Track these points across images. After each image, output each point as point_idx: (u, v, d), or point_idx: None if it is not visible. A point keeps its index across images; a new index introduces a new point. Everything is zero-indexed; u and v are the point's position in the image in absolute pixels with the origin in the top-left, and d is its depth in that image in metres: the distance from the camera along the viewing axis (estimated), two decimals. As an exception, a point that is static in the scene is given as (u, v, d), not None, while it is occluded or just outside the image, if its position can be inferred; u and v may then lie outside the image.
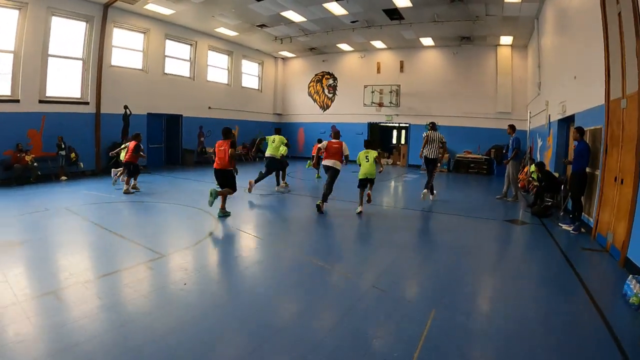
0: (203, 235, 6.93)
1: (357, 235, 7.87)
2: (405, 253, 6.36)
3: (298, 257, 6.04)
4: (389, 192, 13.45)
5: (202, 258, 5.95)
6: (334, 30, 18.75)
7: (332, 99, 23.99)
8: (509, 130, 11.82)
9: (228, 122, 21.16)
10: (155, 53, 17.61)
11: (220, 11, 16.67)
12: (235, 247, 6.78)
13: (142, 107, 16.99)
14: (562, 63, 11.05)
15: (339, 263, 5.89)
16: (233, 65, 22.37)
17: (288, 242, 7.07)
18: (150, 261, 5.35)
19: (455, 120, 20.24)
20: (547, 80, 13.64)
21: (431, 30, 18.04)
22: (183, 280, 4.73)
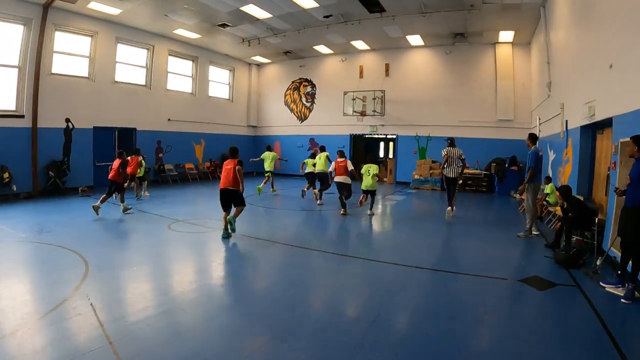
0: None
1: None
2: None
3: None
4: (362, 227, 10.38)
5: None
6: (306, 29, 16.09)
7: (310, 109, 21.22)
8: (528, 141, 8.80)
9: (192, 136, 19.04)
10: (104, 59, 15.28)
11: (172, 8, 14.24)
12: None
13: (87, 119, 14.76)
14: (586, 54, 8.37)
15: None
16: (198, 72, 19.67)
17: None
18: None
19: (449, 131, 17.32)
20: (560, 79, 10.89)
21: (419, 26, 15.32)
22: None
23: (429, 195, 15.38)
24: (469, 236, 8.46)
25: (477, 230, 9.09)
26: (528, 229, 8.29)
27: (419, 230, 8.71)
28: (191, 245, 7.38)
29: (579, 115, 8.83)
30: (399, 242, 7.88)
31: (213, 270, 6.08)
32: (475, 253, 7.01)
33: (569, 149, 9.79)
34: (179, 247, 7.19)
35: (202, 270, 6.06)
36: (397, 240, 8.06)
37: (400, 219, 10.66)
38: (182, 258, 6.61)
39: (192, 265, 6.35)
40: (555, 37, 11.43)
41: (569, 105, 9.81)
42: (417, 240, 7.93)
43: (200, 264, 6.43)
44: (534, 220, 8.34)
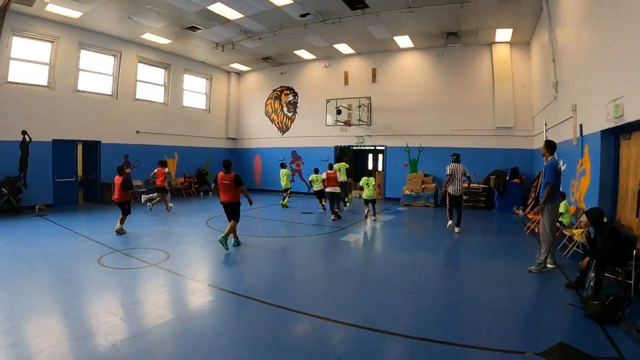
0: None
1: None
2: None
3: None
4: (342, 264, 8.46)
5: None
6: (282, 30, 14.47)
7: (292, 119, 19.47)
8: (545, 150, 6.72)
9: (164, 149, 17.30)
10: (65, 66, 13.98)
11: (136, 10, 12.75)
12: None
13: (46, 132, 13.46)
14: (608, 46, 6.79)
15: None
16: (171, 81, 17.98)
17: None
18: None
19: (442, 140, 15.70)
20: (570, 78, 9.27)
21: (407, 24, 13.71)
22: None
23: (421, 213, 13.57)
24: (467, 272, 6.59)
25: (477, 261, 7.23)
26: (542, 260, 6.45)
27: (403, 267, 6.77)
28: (110, 290, 5.46)
29: (598, 117, 7.15)
30: (374, 285, 5.82)
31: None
32: (476, 303, 5.16)
33: (585, 159, 8.07)
34: (92, 294, 5.31)
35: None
36: (372, 281, 6.04)
37: (383, 248, 8.79)
38: (79, 318, 4.67)
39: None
40: (562, 32, 9.80)
41: (584, 107, 8.13)
42: (398, 281, 5.97)
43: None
44: (550, 250, 6.48)
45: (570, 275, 6.08)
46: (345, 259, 7.34)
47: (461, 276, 6.25)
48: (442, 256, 7.67)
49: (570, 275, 6.10)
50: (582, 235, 6.74)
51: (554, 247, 6.63)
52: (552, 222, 6.45)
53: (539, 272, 6.37)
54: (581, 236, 6.92)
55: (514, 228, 10.68)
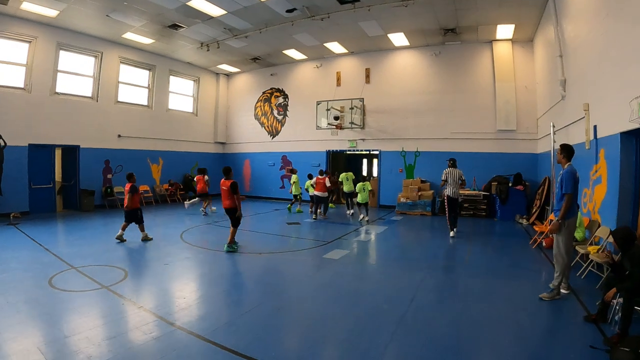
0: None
1: None
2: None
3: None
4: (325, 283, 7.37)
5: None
6: (268, 27, 13.51)
7: (282, 122, 18.45)
8: (561, 156, 5.63)
9: (147, 154, 16.49)
10: (43, 67, 13.22)
11: (113, 7, 11.90)
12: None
13: (21, 136, 12.71)
14: (627, 32, 5.85)
15: None
16: (155, 83, 17.01)
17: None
18: None
19: (440, 144, 14.68)
20: (582, 74, 8.28)
21: (401, 20, 12.75)
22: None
23: (417, 222, 12.49)
24: (466, 300, 5.46)
25: (478, 284, 6.14)
26: (556, 286, 5.40)
27: (392, 295, 5.59)
28: (48, 320, 4.44)
29: (616, 117, 6.18)
30: (352, 321, 4.66)
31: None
32: (476, 345, 4.11)
33: (600, 164, 7.04)
34: (26, 323, 4.29)
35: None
36: (352, 316, 4.83)
37: (370, 269, 7.52)
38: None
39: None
40: (571, 25, 8.83)
41: (598, 106, 7.13)
42: (384, 315, 4.85)
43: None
44: (565, 273, 5.42)
45: (588, 303, 5.08)
46: (324, 285, 6.22)
47: (459, 306, 5.18)
48: (438, 278, 6.59)
49: (588, 302, 5.10)
50: (603, 255, 5.71)
51: (569, 269, 5.59)
52: (568, 241, 5.38)
53: (551, 299, 5.33)
54: (598, 255, 5.90)
55: (518, 240, 9.60)
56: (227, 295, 5.69)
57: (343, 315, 4.87)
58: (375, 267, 7.50)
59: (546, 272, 6.68)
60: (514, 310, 5.07)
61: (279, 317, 4.83)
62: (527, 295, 5.57)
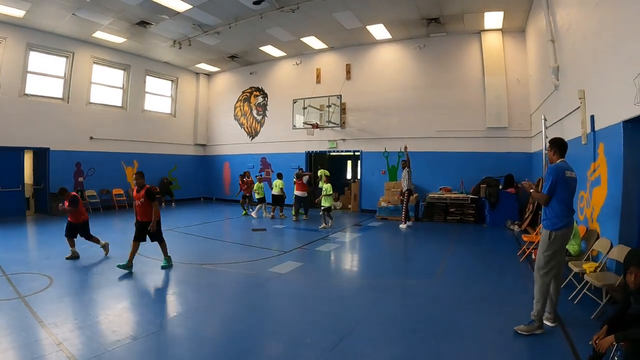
0: None
1: None
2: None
3: None
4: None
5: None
6: (238, 22, 12.29)
7: (261, 122, 17.12)
8: (550, 152, 4.40)
9: (121, 156, 15.48)
10: (10, 68, 12.48)
11: (77, 5, 11.10)
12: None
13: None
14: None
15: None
16: (130, 83, 15.85)
17: None
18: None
19: (425, 144, 13.29)
20: (577, 59, 6.87)
21: (379, 10, 11.45)
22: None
23: (396, 229, 11.06)
24: (420, 336, 4.04)
25: (442, 310, 4.75)
26: (536, 316, 4.01)
27: (341, 338, 4.33)
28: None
29: (616, 103, 4.84)
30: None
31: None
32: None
33: (599, 162, 5.66)
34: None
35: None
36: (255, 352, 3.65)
37: (320, 290, 5.81)
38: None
39: None
40: (563, 5, 7.44)
41: (597, 92, 5.74)
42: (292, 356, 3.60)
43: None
44: (550, 299, 4.14)
45: (578, 342, 3.69)
46: (250, 307, 4.89)
47: (409, 342, 3.79)
48: (394, 301, 5.20)
49: (579, 340, 3.70)
50: (602, 276, 4.33)
51: (556, 294, 4.22)
52: (548, 259, 4.05)
53: (529, 334, 3.95)
54: (596, 275, 4.53)
55: (505, 250, 8.13)
56: (133, 312, 4.42)
57: (244, 351, 3.53)
58: (324, 285, 6.04)
59: (532, 295, 5.28)
60: (479, 349, 3.69)
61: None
62: (502, 327, 4.18)
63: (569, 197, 4.11)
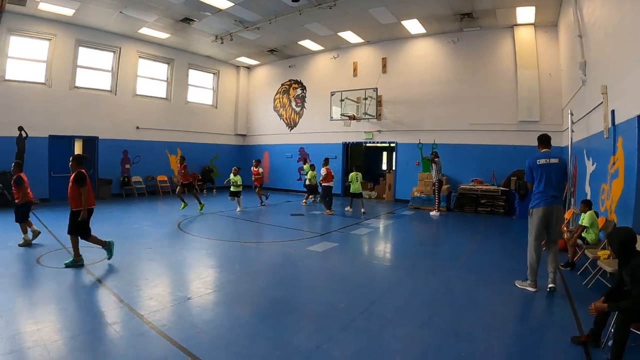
0: None
1: None
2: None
3: None
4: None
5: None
6: (278, 18, 12.85)
7: (300, 114, 17.74)
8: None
9: (166, 145, 16.46)
10: (62, 63, 13.40)
11: (124, 4, 11.88)
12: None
13: (42, 128, 12.97)
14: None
15: None
16: (174, 76, 16.82)
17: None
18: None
19: (458, 136, 13.50)
20: (602, 54, 7.02)
21: (412, 6, 11.70)
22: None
23: (426, 219, 11.41)
24: (437, 307, 4.59)
25: (459, 288, 5.23)
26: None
27: (350, 298, 4.88)
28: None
29: (635, 98, 5.04)
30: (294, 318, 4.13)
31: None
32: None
33: (618, 155, 5.87)
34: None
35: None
36: (295, 312, 4.30)
37: (349, 263, 6.64)
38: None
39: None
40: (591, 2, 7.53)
41: (617, 88, 5.93)
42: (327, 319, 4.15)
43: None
44: (530, 264, 5.11)
45: (585, 320, 4.02)
46: (288, 278, 5.54)
47: (427, 312, 4.28)
48: (418, 278, 5.68)
49: (586, 319, 4.01)
50: (615, 262, 4.63)
51: (533, 264, 5.09)
52: (529, 231, 5.18)
53: (522, 287, 5.01)
54: (609, 262, 4.82)
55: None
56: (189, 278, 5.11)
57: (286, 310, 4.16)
58: (356, 262, 6.69)
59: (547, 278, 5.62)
60: (494, 320, 4.14)
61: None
62: (515, 304, 4.62)
63: (545, 180, 4.92)
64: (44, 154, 13.06)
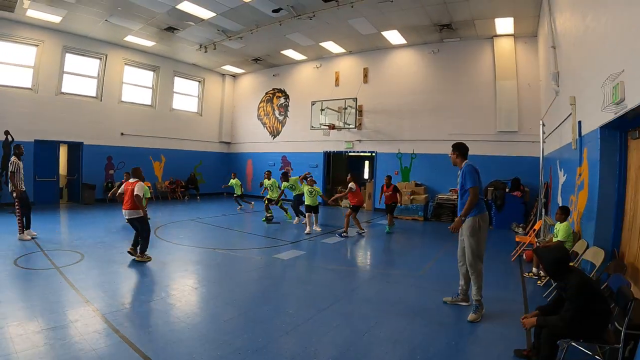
0: None
1: None
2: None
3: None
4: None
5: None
6: (259, 28, 12.85)
7: (283, 123, 17.67)
8: (454, 156, 5.03)
9: (150, 152, 16.31)
10: (49, 69, 13.45)
11: (109, 12, 11.89)
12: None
13: (27, 132, 12.96)
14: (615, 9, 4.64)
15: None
16: (159, 84, 16.69)
17: None
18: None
19: (436, 146, 13.44)
20: (571, 65, 6.95)
21: (390, 17, 11.70)
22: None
23: (402, 228, 11.28)
24: (381, 315, 4.47)
25: (412, 295, 5.09)
26: (479, 300, 4.46)
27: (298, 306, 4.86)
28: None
29: (597, 109, 4.96)
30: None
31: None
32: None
33: (584, 166, 5.79)
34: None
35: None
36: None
37: (316, 273, 6.53)
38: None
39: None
40: (562, 11, 7.54)
41: (584, 99, 5.86)
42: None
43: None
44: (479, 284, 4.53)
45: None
46: (250, 291, 5.42)
47: (386, 327, 4.16)
48: (377, 294, 5.52)
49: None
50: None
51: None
52: (482, 243, 4.55)
53: (480, 317, 4.38)
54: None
55: (501, 251, 8.06)
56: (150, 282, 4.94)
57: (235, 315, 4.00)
58: (317, 270, 6.61)
59: (506, 290, 5.50)
60: (440, 329, 4.00)
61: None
62: (458, 311, 4.51)
63: (481, 188, 4.69)
64: (30, 159, 12.74)
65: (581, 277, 3.01)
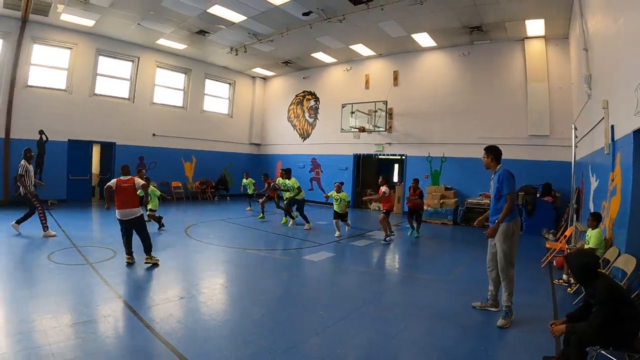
0: None
1: None
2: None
3: None
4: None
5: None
6: (290, 31, 13.01)
7: (312, 125, 17.85)
8: (488, 159, 5.22)
9: (181, 153, 16.79)
10: (83, 71, 14.00)
11: (142, 16, 12.29)
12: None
13: (61, 132, 13.55)
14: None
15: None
16: (190, 86, 17.20)
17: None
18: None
19: (466, 150, 13.27)
20: (605, 68, 6.75)
21: (421, 20, 11.66)
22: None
23: (432, 232, 11.20)
24: (408, 320, 4.53)
25: (442, 300, 5.12)
26: (509, 307, 4.44)
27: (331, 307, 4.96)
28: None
29: (631, 113, 4.84)
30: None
31: None
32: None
33: (616, 172, 5.64)
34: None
35: None
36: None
37: (332, 271, 6.77)
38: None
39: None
40: (594, 11, 7.34)
41: (617, 103, 5.72)
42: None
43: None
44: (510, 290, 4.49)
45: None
46: (279, 291, 5.58)
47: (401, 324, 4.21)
48: (402, 297, 5.56)
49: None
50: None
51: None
52: (513, 249, 4.52)
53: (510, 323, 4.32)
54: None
55: (531, 258, 7.94)
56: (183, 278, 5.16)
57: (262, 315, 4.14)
58: (346, 272, 6.69)
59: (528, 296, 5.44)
60: (466, 337, 4.02)
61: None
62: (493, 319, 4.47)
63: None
64: (63, 157, 13.61)
65: (610, 283, 2.99)
